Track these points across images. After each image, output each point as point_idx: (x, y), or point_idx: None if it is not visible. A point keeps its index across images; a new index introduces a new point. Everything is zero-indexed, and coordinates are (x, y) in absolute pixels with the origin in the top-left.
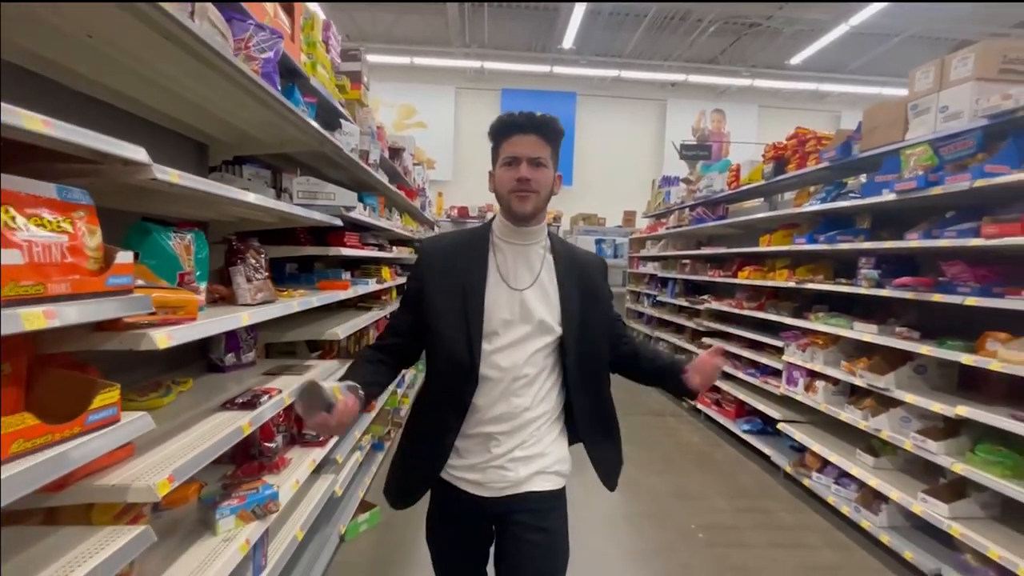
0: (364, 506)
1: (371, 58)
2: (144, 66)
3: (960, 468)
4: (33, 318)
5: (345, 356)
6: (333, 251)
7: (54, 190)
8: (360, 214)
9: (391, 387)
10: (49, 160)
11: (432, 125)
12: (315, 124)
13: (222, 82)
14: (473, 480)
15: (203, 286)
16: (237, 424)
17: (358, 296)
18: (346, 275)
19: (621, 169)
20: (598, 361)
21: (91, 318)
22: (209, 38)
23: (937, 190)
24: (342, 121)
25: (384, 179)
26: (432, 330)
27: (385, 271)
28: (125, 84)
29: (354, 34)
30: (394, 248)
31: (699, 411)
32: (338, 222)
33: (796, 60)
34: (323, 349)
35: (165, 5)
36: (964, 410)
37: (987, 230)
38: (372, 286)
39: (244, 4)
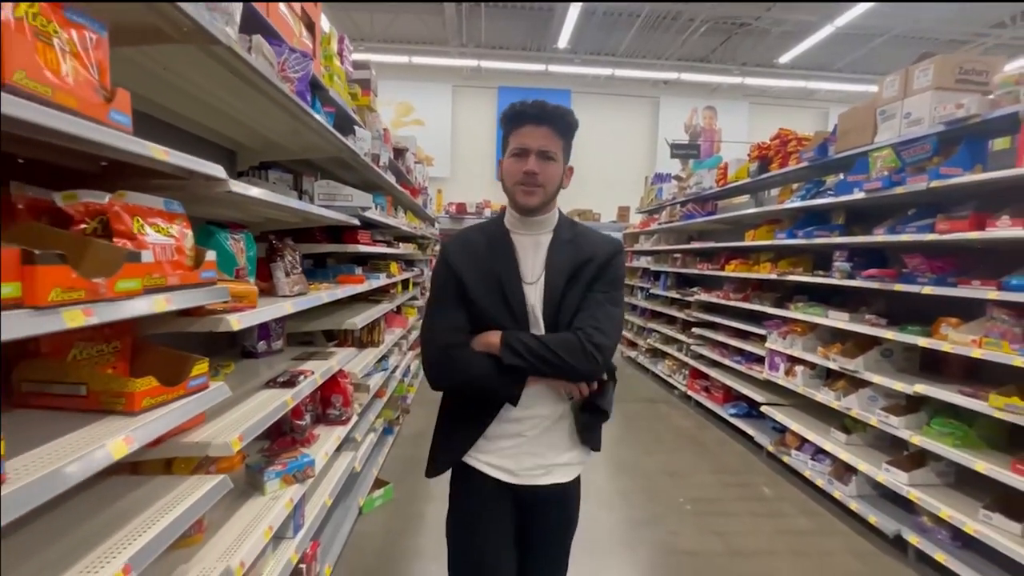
0: (378, 483)
1: (369, 57)
2: (201, 90)
3: (917, 440)
4: (159, 303)
5: (359, 345)
6: (351, 248)
7: (162, 203)
8: (372, 213)
9: (398, 376)
10: (145, 176)
11: (430, 123)
12: (336, 133)
13: (265, 102)
14: (503, 467)
15: (252, 280)
16: (282, 399)
17: (369, 290)
18: (358, 270)
19: (615, 165)
20: None
21: (191, 304)
22: (265, 70)
23: (900, 190)
24: (355, 128)
25: (392, 179)
26: (482, 325)
27: (393, 266)
28: (177, 103)
29: (353, 33)
30: (400, 244)
31: (690, 398)
32: (356, 221)
33: (784, 59)
34: (338, 339)
35: (235, 45)
36: (921, 388)
37: (940, 226)
38: (383, 280)
39: (276, 27)
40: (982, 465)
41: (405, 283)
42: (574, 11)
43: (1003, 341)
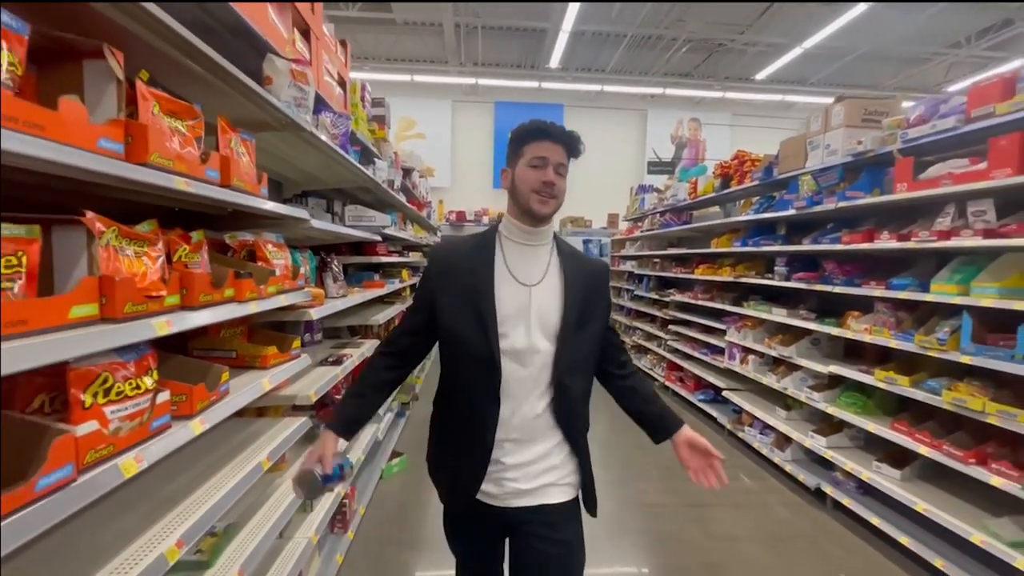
0: (395, 454)
1: (374, 76)
2: (272, 147)
3: (832, 410)
4: (282, 300)
5: (377, 339)
6: (374, 259)
7: (275, 237)
8: (389, 230)
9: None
10: (255, 217)
11: (430, 136)
12: (364, 169)
13: (316, 153)
14: (485, 491)
15: (313, 285)
16: (334, 372)
17: (385, 293)
18: (376, 276)
19: (606, 174)
20: (586, 368)
21: (294, 301)
22: (327, 139)
23: (818, 208)
24: (375, 159)
25: (402, 198)
26: (449, 332)
27: (404, 273)
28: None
29: (358, 53)
30: (408, 253)
31: (667, 388)
32: (379, 238)
33: (761, 76)
34: (360, 333)
35: (313, 130)
36: (834, 368)
37: (845, 238)
38: (397, 285)
39: (325, 96)
40: (872, 426)
41: (413, 287)
42: (565, 33)
43: (884, 328)
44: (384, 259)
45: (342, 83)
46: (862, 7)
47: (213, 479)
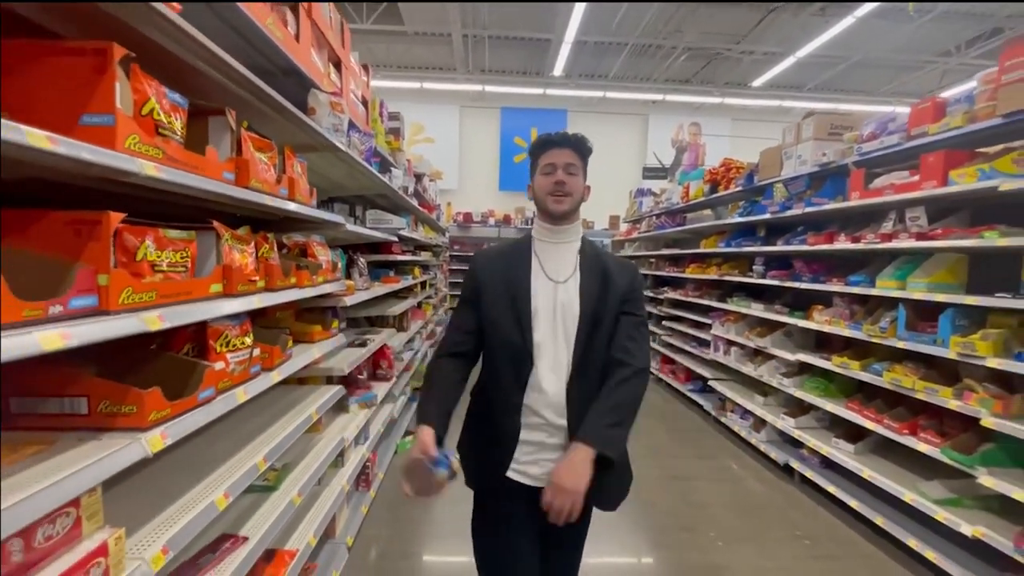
0: (407, 432)
1: (385, 83)
2: (311, 163)
3: (799, 394)
4: (327, 288)
5: (393, 328)
6: (390, 257)
7: (318, 237)
8: (404, 231)
9: (419, 357)
10: (299, 221)
11: (439, 140)
12: (384, 179)
13: (344, 166)
14: (525, 472)
15: (343, 278)
16: (360, 352)
17: (400, 288)
18: (391, 273)
19: (608, 177)
20: (602, 357)
21: (334, 290)
22: (356, 156)
23: (788, 213)
24: (391, 168)
25: (415, 203)
26: (488, 320)
27: (416, 270)
28: None
29: (371, 61)
30: (420, 253)
31: (661, 380)
32: (395, 239)
33: (757, 83)
34: (378, 323)
35: (348, 150)
36: (800, 356)
37: (810, 240)
38: (410, 281)
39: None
40: (831, 406)
41: (423, 284)
42: (568, 42)
43: (840, 320)
44: (399, 257)
45: (364, 102)
46: (852, 17)
47: (278, 422)
